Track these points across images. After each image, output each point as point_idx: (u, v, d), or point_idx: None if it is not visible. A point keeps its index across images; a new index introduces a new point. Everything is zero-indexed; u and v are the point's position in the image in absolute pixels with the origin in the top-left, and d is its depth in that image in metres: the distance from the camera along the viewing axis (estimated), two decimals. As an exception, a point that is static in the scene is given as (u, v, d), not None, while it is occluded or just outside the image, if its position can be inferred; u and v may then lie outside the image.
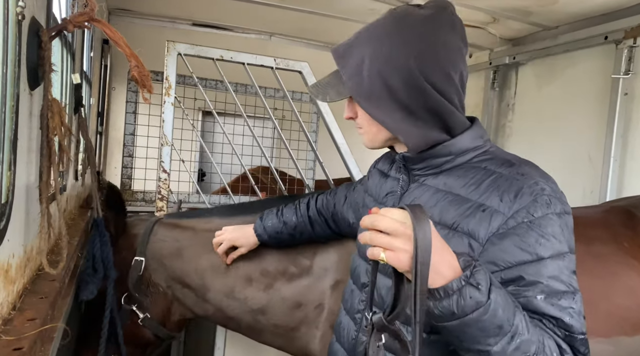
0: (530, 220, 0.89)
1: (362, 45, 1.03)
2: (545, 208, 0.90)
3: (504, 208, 0.91)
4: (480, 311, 0.78)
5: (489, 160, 1.03)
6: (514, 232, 0.90)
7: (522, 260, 0.88)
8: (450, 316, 0.80)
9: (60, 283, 1.25)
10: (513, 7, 2.76)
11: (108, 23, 1.20)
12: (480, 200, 0.95)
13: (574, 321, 0.88)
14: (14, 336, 0.91)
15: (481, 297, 0.78)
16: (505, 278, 0.90)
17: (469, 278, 0.79)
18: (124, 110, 3.10)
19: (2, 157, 0.90)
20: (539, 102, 3.35)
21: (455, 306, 0.78)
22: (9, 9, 0.90)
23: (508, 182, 0.95)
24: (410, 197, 1.08)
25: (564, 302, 0.88)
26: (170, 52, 2.34)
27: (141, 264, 1.82)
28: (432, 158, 1.05)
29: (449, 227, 0.96)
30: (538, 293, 0.87)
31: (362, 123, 1.11)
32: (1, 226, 0.90)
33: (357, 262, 1.24)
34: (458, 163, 1.04)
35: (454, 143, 1.03)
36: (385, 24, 1.03)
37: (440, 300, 0.79)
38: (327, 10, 3.05)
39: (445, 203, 0.99)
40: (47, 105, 1.07)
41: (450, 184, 1.02)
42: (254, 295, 1.80)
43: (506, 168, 0.99)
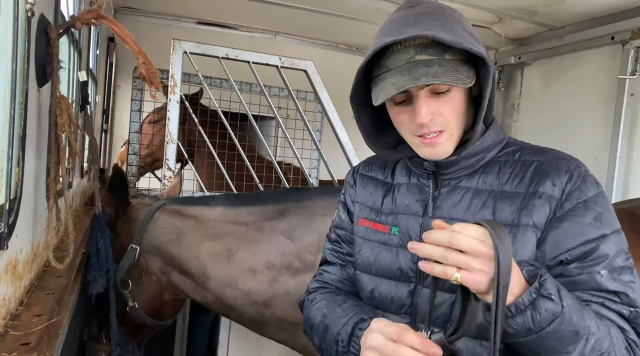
0: (584, 200, 0.91)
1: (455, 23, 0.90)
2: (596, 187, 0.93)
3: (557, 192, 0.92)
4: (557, 322, 0.76)
5: (519, 151, 1.01)
6: (572, 213, 0.90)
7: (585, 239, 0.88)
8: (525, 332, 0.77)
9: (67, 279, 1.26)
10: (519, 6, 2.75)
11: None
12: (532, 190, 0.94)
13: (637, 296, 0.87)
14: (22, 332, 0.92)
15: (556, 307, 0.76)
16: (570, 258, 0.89)
17: (539, 289, 0.76)
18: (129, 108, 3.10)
19: (11, 153, 0.90)
20: (545, 102, 3.34)
21: (530, 322, 0.76)
22: (19, 6, 0.90)
23: (553, 167, 0.95)
24: (448, 202, 0.99)
25: (625, 276, 0.88)
26: (176, 50, 2.34)
27: (135, 252, 1.82)
28: (466, 159, 0.99)
29: (510, 225, 0.92)
30: (602, 268, 0.87)
31: (450, 122, 0.93)
32: (10, 222, 0.91)
33: (372, 283, 1.06)
34: (488, 160, 1.00)
35: (485, 139, 0.99)
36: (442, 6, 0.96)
37: (513, 317, 0.76)
38: (332, 9, 3.05)
39: (495, 202, 0.95)
40: (55, 102, 1.07)
41: (491, 182, 0.98)
42: (258, 287, 1.80)
43: (542, 155, 0.98)
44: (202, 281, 1.83)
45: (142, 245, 1.83)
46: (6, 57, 0.88)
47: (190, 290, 1.88)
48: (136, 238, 1.84)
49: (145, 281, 1.88)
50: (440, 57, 0.89)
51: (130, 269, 1.83)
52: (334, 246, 1.19)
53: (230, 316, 1.96)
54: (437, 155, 0.97)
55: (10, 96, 0.90)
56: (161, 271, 1.88)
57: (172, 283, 1.89)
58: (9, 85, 0.89)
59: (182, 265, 1.84)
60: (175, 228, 1.87)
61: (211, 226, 1.86)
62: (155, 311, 1.94)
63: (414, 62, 0.89)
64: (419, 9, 0.93)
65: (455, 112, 0.93)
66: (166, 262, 1.86)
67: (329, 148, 3.05)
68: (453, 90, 0.92)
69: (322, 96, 2.62)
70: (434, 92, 0.91)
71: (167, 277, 1.88)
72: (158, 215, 1.88)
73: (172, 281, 1.88)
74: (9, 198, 0.90)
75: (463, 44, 0.85)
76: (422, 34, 0.86)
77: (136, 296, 1.87)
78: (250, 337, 1.99)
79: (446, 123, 0.93)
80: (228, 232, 1.87)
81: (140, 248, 1.83)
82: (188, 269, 1.84)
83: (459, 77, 0.87)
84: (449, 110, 0.93)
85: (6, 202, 0.89)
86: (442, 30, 0.86)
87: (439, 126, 0.93)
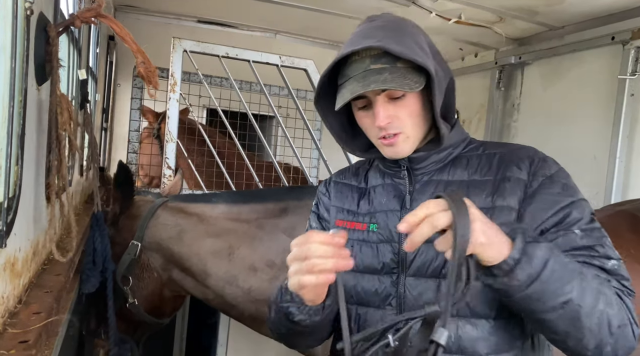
0: (549, 175, 1.01)
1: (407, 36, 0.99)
2: (556, 165, 1.05)
3: (523, 175, 1.02)
4: (550, 262, 0.83)
5: (481, 146, 1.11)
6: (541, 188, 1.00)
7: (558, 207, 0.98)
8: (527, 279, 0.82)
9: (65, 278, 1.26)
10: (519, 6, 2.75)
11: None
12: (500, 176, 1.03)
13: (610, 248, 0.96)
14: (20, 329, 0.92)
15: (544, 249, 0.83)
16: (548, 227, 0.97)
17: (524, 237, 0.84)
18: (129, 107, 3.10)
19: (9, 152, 0.90)
20: (545, 102, 3.33)
21: (528, 267, 0.82)
22: (18, 4, 0.90)
23: (515, 154, 1.06)
24: (424, 194, 1.07)
25: (595, 234, 0.96)
26: (176, 48, 2.34)
27: (136, 248, 1.83)
28: (436, 154, 1.08)
29: (486, 208, 1.00)
30: (576, 228, 0.96)
31: (407, 124, 1.02)
32: (8, 220, 0.91)
33: (354, 280, 1.10)
34: (456, 155, 1.10)
35: (453, 136, 1.08)
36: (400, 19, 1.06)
37: (513, 270, 0.82)
38: (332, 9, 3.05)
39: (468, 190, 1.04)
40: (55, 101, 1.07)
41: (460, 174, 1.07)
42: (259, 285, 1.80)
43: (503, 147, 1.09)
44: (203, 279, 1.84)
45: (144, 241, 1.84)
46: (5, 55, 0.88)
47: (191, 287, 1.88)
48: (137, 234, 1.84)
49: (146, 277, 1.88)
50: (392, 65, 0.97)
51: (131, 265, 1.83)
52: None
53: (231, 313, 1.96)
54: (397, 155, 1.05)
55: (9, 94, 0.90)
56: (162, 268, 1.88)
57: (172, 280, 1.89)
58: (8, 84, 0.89)
59: (183, 262, 1.85)
60: (177, 225, 1.87)
61: (213, 223, 1.87)
62: (155, 308, 1.95)
63: (368, 70, 0.98)
64: (376, 23, 1.03)
65: (412, 115, 1.02)
66: (167, 259, 1.87)
67: (328, 148, 3.05)
68: (408, 96, 1.00)
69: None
70: (391, 98, 1.00)
71: (168, 274, 1.88)
72: (160, 212, 1.89)
73: (172, 278, 1.89)
74: (7, 196, 0.90)
75: (409, 54, 0.94)
76: (373, 45, 0.96)
77: (136, 293, 1.87)
78: (249, 336, 2.00)
79: (403, 125, 1.02)
80: (229, 229, 1.87)
81: (142, 244, 1.83)
82: (189, 266, 1.84)
83: (406, 83, 0.95)
84: (405, 113, 1.01)
85: (5, 200, 0.89)
86: (393, 42, 0.95)
87: (396, 129, 1.02)
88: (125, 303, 1.86)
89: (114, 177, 1.88)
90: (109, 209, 1.93)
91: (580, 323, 0.85)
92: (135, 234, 1.84)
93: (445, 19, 2.95)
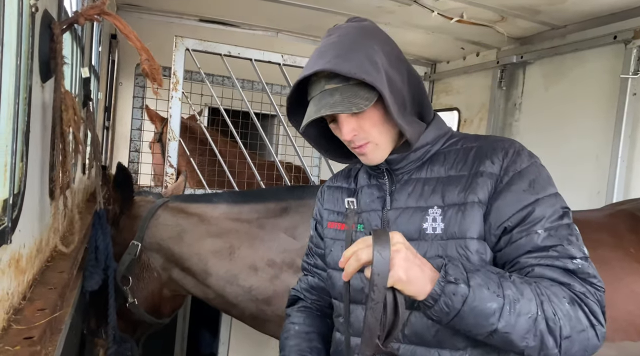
0: (519, 171, 1.01)
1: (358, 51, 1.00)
2: (529, 158, 1.03)
3: (496, 169, 1.02)
4: (468, 301, 0.86)
5: (461, 140, 1.12)
6: (509, 184, 1.00)
7: (522, 204, 0.98)
8: (445, 316, 0.88)
9: (69, 275, 1.26)
10: (521, 5, 2.75)
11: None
12: (474, 170, 1.04)
13: (574, 247, 0.96)
14: (25, 326, 0.92)
15: (462, 289, 0.86)
16: (511, 225, 0.98)
17: (446, 277, 0.87)
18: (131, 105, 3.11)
19: (14, 148, 0.91)
20: (546, 101, 3.33)
21: (445, 307, 0.86)
22: (23, 1, 0.91)
23: (490, 147, 1.06)
24: (403, 193, 1.10)
25: (561, 232, 0.96)
26: (179, 47, 2.34)
27: (136, 248, 1.83)
28: (413, 152, 1.09)
29: (458, 204, 1.02)
30: (539, 228, 0.96)
31: (372, 134, 1.04)
32: (13, 216, 0.91)
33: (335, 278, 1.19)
34: (434, 152, 1.11)
35: (429, 133, 1.10)
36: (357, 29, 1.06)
37: (432, 306, 0.87)
38: (334, 7, 3.05)
39: (443, 187, 1.05)
40: (60, 98, 1.07)
41: (438, 170, 1.09)
42: (260, 284, 1.81)
43: (481, 140, 1.10)
44: (204, 278, 1.84)
45: (144, 241, 1.84)
46: (10, 52, 0.88)
47: (191, 287, 1.88)
48: (138, 234, 1.85)
49: (146, 277, 1.89)
50: (345, 84, 0.99)
51: (131, 265, 1.84)
52: (307, 257, 1.34)
53: (232, 313, 1.96)
54: (372, 162, 1.09)
55: (14, 91, 0.90)
56: (162, 267, 1.88)
57: (173, 280, 1.90)
58: (13, 81, 0.90)
59: (183, 262, 1.85)
60: (177, 225, 1.87)
61: (214, 223, 1.87)
62: (155, 308, 1.95)
63: (323, 91, 1.01)
64: (332, 38, 1.05)
65: (375, 125, 1.04)
66: (167, 259, 1.87)
67: (330, 147, 3.04)
68: (368, 108, 1.00)
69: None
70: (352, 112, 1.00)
71: (168, 274, 1.89)
72: (160, 212, 1.89)
73: (173, 277, 1.89)
74: (12, 192, 0.91)
75: (356, 74, 0.95)
76: (322, 69, 0.98)
77: (136, 293, 1.87)
78: (251, 334, 2.00)
79: (368, 136, 1.04)
80: (230, 229, 1.87)
81: (142, 244, 1.84)
82: (189, 266, 1.84)
83: (356, 102, 0.97)
84: (369, 124, 1.03)
85: (10, 197, 0.89)
86: (342, 61, 0.97)
87: (362, 140, 1.05)
88: (125, 303, 1.87)
89: (113, 179, 1.88)
90: (110, 208, 1.93)
91: (514, 344, 0.89)
92: (136, 234, 1.85)
93: (447, 18, 2.95)
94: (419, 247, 1.00)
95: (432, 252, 1.01)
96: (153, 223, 1.87)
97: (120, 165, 1.89)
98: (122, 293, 1.85)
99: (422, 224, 1.03)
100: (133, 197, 1.95)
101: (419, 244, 1.02)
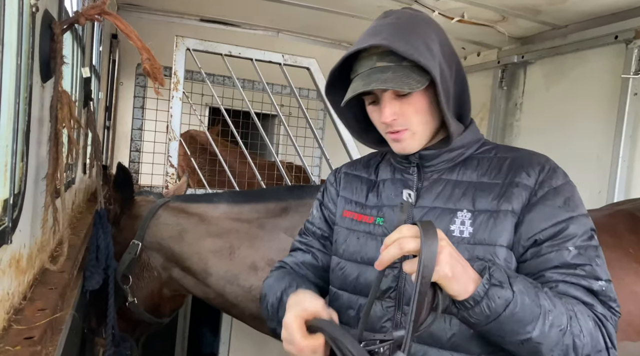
0: (555, 187, 1.01)
1: (416, 34, 0.99)
2: (564, 177, 1.04)
3: (531, 182, 1.02)
4: (510, 306, 0.84)
5: (494, 149, 1.11)
6: (544, 198, 1.00)
7: (556, 220, 0.98)
8: (485, 320, 0.86)
9: (69, 275, 1.26)
10: (523, 5, 2.75)
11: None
12: (508, 180, 1.03)
13: (601, 268, 0.96)
14: (25, 326, 0.92)
15: (507, 293, 0.85)
16: (542, 238, 0.98)
17: (490, 279, 0.85)
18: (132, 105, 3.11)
19: (15, 148, 0.91)
20: (547, 101, 3.33)
21: (487, 310, 0.84)
22: (24, 1, 0.90)
23: (526, 160, 1.05)
24: (431, 193, 1.07)
25: (590, 253, 0.97)
26: (179, 47, 2.34)
27: (137, 247, 1.84)
28: (448, 152, 1.07)
29: (490, 211, 1.01)
30: (570, 245, 0.96)
31: (413, 121, 1.02)
32: (14, 216, 0.91)
33: (357, 270, 1.12)
34: (467, 156, 1.10)
35: (466, 136, 1.09)
36: (414, 15, 1.05)
37: (472, 308, 0.85)
38: (335, 7, 3.05)
39: (475, 192, 1.04)
40: (56, 97, 1.07)
41: (470, 175, 1.07)
42: (260, 284, 1.80)
43: (515, 152, 1.09)
44: (204, 278, 1.84)
45: (144, 241, 1.85)
46: (11, 52, 0.88)
47: (191, 286, 1.88)
48: (138, 234, 1.85)
49: (146, 277, 1.89)
50: (398, 64, 0.97)
51: (132, 264, 1.84)
52: (301, 237, 1.30)
53: (232, 313, 1.96)
54: (404, 150, 1.06)
55: (14, 91, 0.90)
56: (162, 267, 1.88)
57: (173, 279, 1.90)
58: (13, 80, 0.90)
59: (183, 261, 1.85)
60: (178, 224, 1.87)
61: (214, 223, 1.87)
62: (154, 307, 1.95)
63: (374, 68, 0.98)
64: (388, 20, 1.03)
65: (418, 112, 1.02)
66: (167, 258, 1.87)
67: (331, 146, 3.06)
68: (414, 93, 1.00)
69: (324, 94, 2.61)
70: (397, 95, 1.00)
71: (168, 273, 1.89)
72: (161, 212, 1.90)
73: (173, 277, 1.89)
74: (13, 193, 0.91)
75: (413, 55, 0.94)
76: (378, 44, 0.96)
77: (136, 292, 1.88)
78: (252, 334, 2.00)
79: (409, 123, 1.02)
80: (230, 228, 1.87)
81: (142, 244, 1.84)
82: (189, 265, 1.84)
83: (407, 82, 0.95)
84: (412, 111, 1.01)
85: (10, 197, 0.89)
86: (400, 40, 0.95)
87: (402, 126, 1.02)
88: (125, 302, 1.87)
89: (113, 179, 1.89)
90: (111, 208, 1.94)
91: (541, 355, 0.88)
92: (137, 234, 1.85)
93: (448, 18, 2.95)
94: None
95: None
96: (154, 222, 1.87)
97: (120, 165, 1.89)
98: (122, 293, 1.85)
99: (449, 226, 1.02)
100: (134, 197, 1.96)
101: None
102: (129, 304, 1.87)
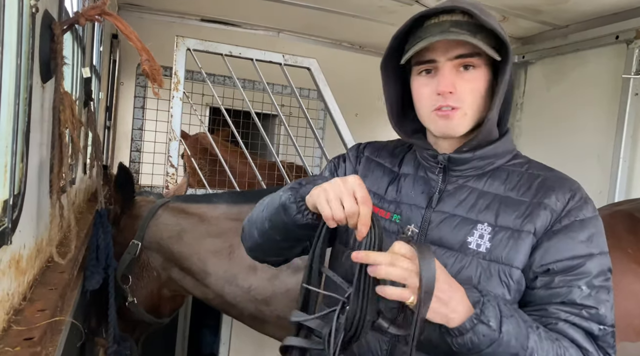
0: (582, 219, 0.96)
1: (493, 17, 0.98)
2: (593, 210, 0.99)
3: (559, 207, 0.97)
4: (494, 346, 0.84)
5: (527, 164, 1.06)
6: (568, 229, 0.95)
7: (574, 254, 0.94)
8: (467, 351, 0.86)
9: (69, 275, 1.26)
10: (523, 5, 2.74)
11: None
12: (537, 200, 0.98)
13: (608, 313, 0.93)
14: (25, 327, 0.92)
15: (493, 334, 0.84)
16: (556, 269, 0.94)
17: (480, 316, 0.84)
18: (132, 105, 3.12)
19: (15, 149, 0.90)
20: (548, 101, 3.32)
21: (470, 343, 0.85)
22: (24, 2, 0.90)
23: (558, 183, 1.00)
24: (453, 199, 1.03)
25: (601, 295, 0.93)
26: (180, 47, 2.34)
27: (136, 247, 1.84)
28: (478, 160, 1.02)
29: (512, 229, 0.96)
30: (583, 284, 0.93)
31: (467, 101, 0.97)
32: (14, 217, 0.91)
33: None
34: (497, 166, 1.04)
35: (500, 145, 1.03)
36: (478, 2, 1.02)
37: (456, 337, 0.85)
38: (335, 7, 3.04)
39: (499, 206, 0.99)
40: (58, 98, 1.07)
41: (497, 187, 1.02)
42: (258, 284, 1.80)
43: (548, 171, 1.04)
44: (203, 278, 1.84)
45: (144, 241, 1.85)
46: (11, 52, 0.88)
47: (190, 286, 1.88)
48: (138, 234, 1.85)
49: (146, 277, 1.89)
50: (472, 36, 0.93)
51: (131, 264, 1.84)
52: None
53: (231, 313, 1.96)
54: (450, 130, 0.99)
55: (14, 92, 0.90)
56: (162, 267, 1.89)
57: (172, 279, 1.90)
58: (13, 81, 0.90)
59: (182, 262, 1.85)
60: (177, 225, 1.88)
61: (213, 223, 1.87)
62: (154, 307, 1.95)
63: (447, 32, 0.94)
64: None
65: (473, 92, 0.97)
66: (167, 258, 1.87)
67: (331, 146, 3.05)
68: (476, 70, 0.97)
69: (325, 94, 2.62)
70: (462, 65, 0.96)
71: (168, 273, 1.89)
72: (161, 212, 1.90)
73: (172, 277, 1.89)
74: (12, 193, 0.90)
75: (492, 25, 0.92)
76: (460, 6, 0.93)
77: (136, 292, 1.88)
78: (252, 335, 2.00)
79: (462, 101, 0.97)
80: (230, 229, 1.87)
81: (142, 244, 1.84)
82: (189, 265, 1.84)
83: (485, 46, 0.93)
84: (468, 88, 0.97)
85: (10, 198, 0.89)
86: (480, 12, 0.93)
87: (456, 102, 0.97)
88: (124, 302, 1.87)
89: (115, 179, 1.89)
90: (111, 208, 1.94)
91: None
92: (136, 234, 1.86)
93: (449, 18, 2.94)
94: (458, 260, 0.96)
95: (471, 269, 0.96)
96: (153, 222, 1.87)
97: (122, 165, 1.89)
98: (122, 293, 1.86)
99: (467, 237, 0.97)
100: (134, 197, 1.96)
101: (459, 257, 0.97)
102: (128, 304, 1.87)
